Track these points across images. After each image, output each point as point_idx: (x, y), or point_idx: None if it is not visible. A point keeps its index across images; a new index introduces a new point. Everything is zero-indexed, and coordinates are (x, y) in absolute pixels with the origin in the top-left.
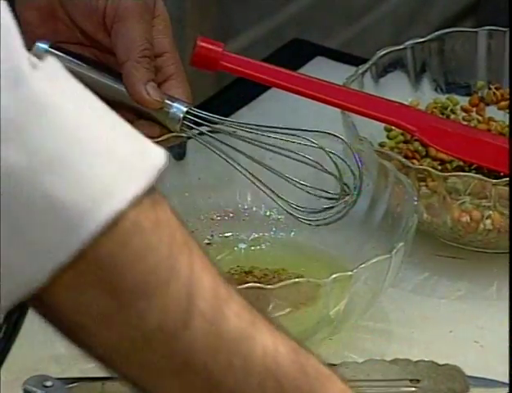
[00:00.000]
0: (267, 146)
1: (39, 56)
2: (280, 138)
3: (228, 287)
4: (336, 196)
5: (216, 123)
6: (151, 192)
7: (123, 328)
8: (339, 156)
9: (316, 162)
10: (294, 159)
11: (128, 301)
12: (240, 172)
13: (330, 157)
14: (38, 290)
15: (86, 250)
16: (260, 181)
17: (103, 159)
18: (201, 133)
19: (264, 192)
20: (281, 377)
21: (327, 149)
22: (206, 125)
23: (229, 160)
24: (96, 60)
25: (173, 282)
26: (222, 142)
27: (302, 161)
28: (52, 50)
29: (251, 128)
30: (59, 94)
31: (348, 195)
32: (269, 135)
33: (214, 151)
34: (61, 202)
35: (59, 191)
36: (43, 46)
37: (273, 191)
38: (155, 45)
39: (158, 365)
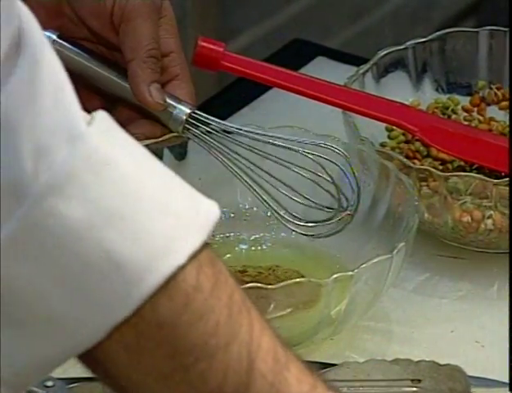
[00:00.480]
0: (267, 155)
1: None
2: (282, 144)
3: (286, 349)
4: (332, 213)
5: (218, 127)
6: (207, 248)
7: (182, 388)
8: (337, 165)
9: (316, 173)
10: (292, 170)
11: (188, 362)
12: (239, 179)
13: (328, 173)
14: (94, 346)
15: (146, 309)
16: (255, 189)
17: (161, 214)
18: (202, 136)
19: (259, 200)
20: None
21: (326, 161)
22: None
23: (228, 167)
24: (103, 56)
25: (233, 343)
26: (222, 146)
27: (300, 174)
28: (60, 40)
29: (252, 135)
30: (116, 149)
31: (346, 210)
32: (271, 142)
33: (215, 156)
34: (121, 258)
35: (119, 247)
36: (51, 35)
37: (268, 202)
38: (162, 45)
39: None
